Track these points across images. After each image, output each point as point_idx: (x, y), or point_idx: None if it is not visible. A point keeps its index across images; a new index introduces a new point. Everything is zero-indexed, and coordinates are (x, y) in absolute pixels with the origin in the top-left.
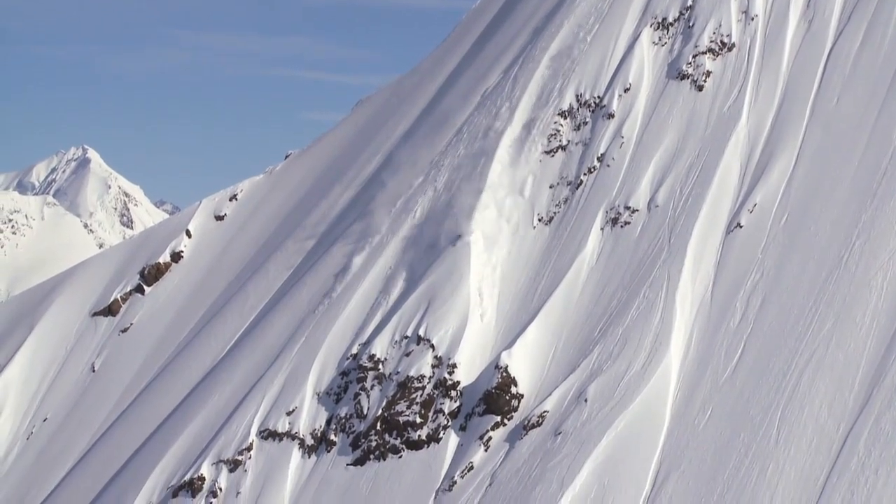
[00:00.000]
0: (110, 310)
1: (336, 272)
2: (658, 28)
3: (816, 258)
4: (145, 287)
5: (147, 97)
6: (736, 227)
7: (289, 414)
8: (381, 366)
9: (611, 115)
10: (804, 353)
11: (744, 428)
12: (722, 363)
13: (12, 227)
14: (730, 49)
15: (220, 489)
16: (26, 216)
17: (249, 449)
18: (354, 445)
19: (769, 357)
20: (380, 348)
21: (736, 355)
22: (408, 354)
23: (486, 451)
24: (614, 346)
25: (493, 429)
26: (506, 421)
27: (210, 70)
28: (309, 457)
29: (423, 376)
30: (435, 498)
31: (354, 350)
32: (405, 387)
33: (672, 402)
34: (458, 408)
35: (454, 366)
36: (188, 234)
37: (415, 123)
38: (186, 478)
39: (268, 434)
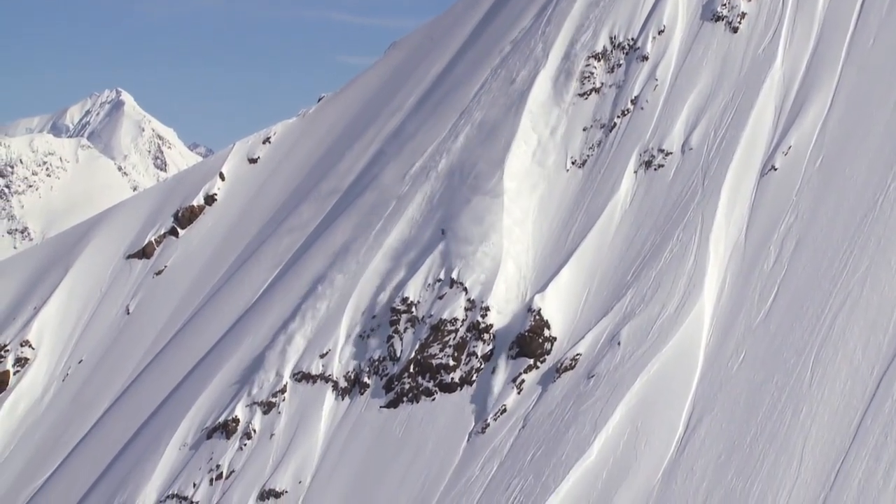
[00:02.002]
0: (144, 252)
1: (369, 214)
2: None
3: (851, 200)
4: (179, 230)
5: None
6: (770, 169)
7: (322, 356)
8: (414, 309)
9: (645, 58)
10: (838, 296)
11: (777, 371)
12: (755, 306)
13: (47, 169)
14: None
15: (255, 431)
16: (61, 159)
17: (283, 391)
18: (387, 388)
19: (803, 300)
20: (413, 291)
21: (770, 298)
22: (441, 297)
23: (518, 393)
24: (647, 289)
25: (525, 371)
26: (539, 364)
27: (244, 12)
28: (342, 399)
29: (455, 319)
30: (468, 440)
31: (387, 293)
32: (438, 330)
33: (705, 345)
34: (491, 351)
35: (487, 309)
36: (222, 177)
37: (448, 66)
38: (221, 419)
39: (301, 376)
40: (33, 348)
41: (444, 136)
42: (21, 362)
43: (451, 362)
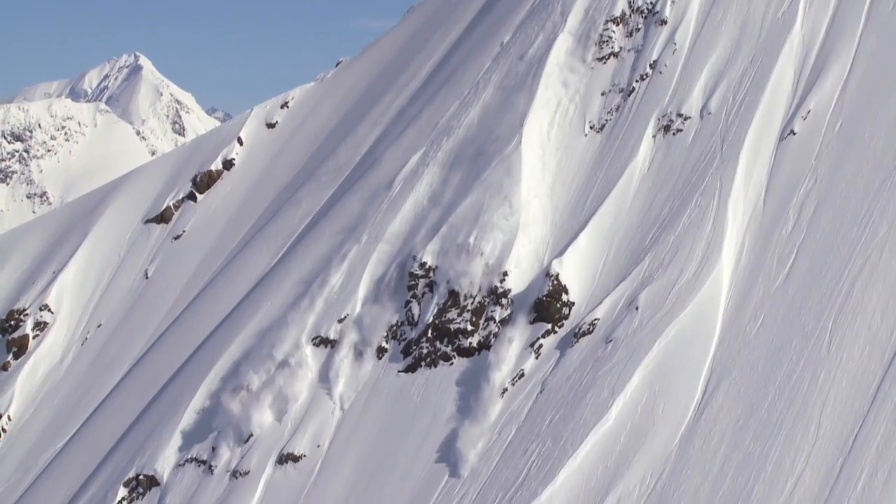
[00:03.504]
0: (163, 217)
1: (387, 180)
2: None
3: (870, 165)
4: (197, 194)
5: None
6: (789, 133)
7: (340, 321)
8: (432, 273)
9: (663, 22)
10: (857, 261)
11: (796, 335)
12: (774, 271)
13: (65, 133)
14: None
15: (273, 395)
16: (79, 123)
17: (301, 356)
18: (406, 353)
19: (822, 264)
20: (431, 256)
21: (788, 263)
22: (459, 262)
23: (536, 358)
24: (666, 253)
25: (543, 336)
26: (557, 329)
27: None
28: (360, 364)
29: (473, 284)
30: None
31: (406, 258)
32: (456, 294)
33: (724, 310)
34: (509, 315)
35: (505, 273)
36: (240, 141)
37: (466, 30)
38: (239, 384)
39: (320, 341)
40: (52, 312)
41: (463, 100)
42: (40, 326)
43: (469, 327)
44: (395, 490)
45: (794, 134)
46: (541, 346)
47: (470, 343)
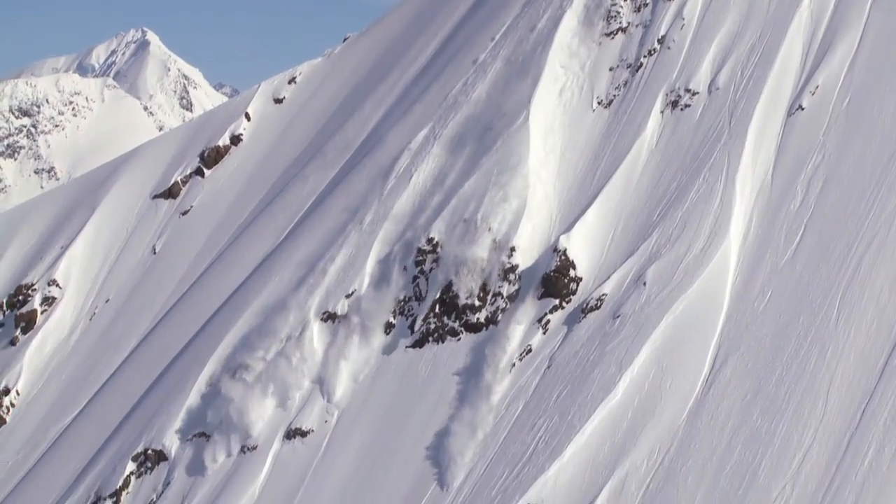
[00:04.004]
0: (170, 192)
1: (395, 155)
2: None
3: (878, 141)
4: (205, 170)
5: None
6: (797, 109)
7: (348, 297)
8: (439, 249)
9: None
10: (865, 237)
11: (803, 311)
12: (782, 246)
13: (73, 109)
14: None
15: (281, 370)
16: (87, 98)
17: (309, 331)
18: (413, 328)
19: (829, 240)
20: (438, 232)
21: (796, 238)
22: (466, 238)
23: (544, 333)
24: (673, 229)
25: (551, 312)
26: (564, 304)
27: None
28: (368, 339)
29: (481, 259)
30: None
31: (413, 233)
32: (464, 270)
33: (731, 286)
34: (517, 291)
35: (513, 249)
36: (247, 116)
37: (473, 6)
38: (246, 359)
39: (327, 316)
40: (60, 287)
41: (470, 75)
42: (48, 301)
43: (477, 302)
44: (402, 465)
45: (803, 109)
46: (548, 321)
47: (477, 319)
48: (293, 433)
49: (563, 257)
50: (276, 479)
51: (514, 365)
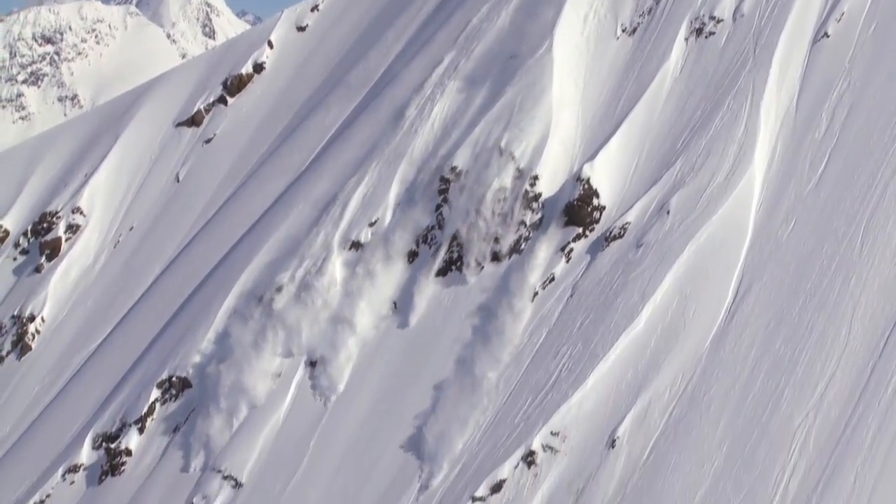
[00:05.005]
0: (194, 120)
1: (418, 84)
2: None
3: None
4: (228, 98)
5: None
6: (823, 36)
7: (371, 225)
8: (462, 177)
9: None
10: (890, 164)
11: (827, 239)
12: (806, 174)
13: (96, 36)
14: None
15: (303, 297)
16: (109, 26)
17: (332, 259)
18: (436, 257)
19: (854, 168)
20: (461, 160)
21: (821, 166)
22: (489, 166)
23: (567, 262)
24: (697, 157)
25: (574, 240)
26: (587, 233)
27: None
28: (391, 268)
29: (504, 188)
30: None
31: (437, 161)
32: (487, 198)
33: (755, 214)
34: (540, 220)
35: (536, 178)
36: (270, 45)
37: None
38: (270, 286)
39: (350, 245)
40: (84, 215)
41: (493, 3)
42: (73, 229)
43: (500, 231)
44: (426, 390)
45: (828, 36)
46: (571, 250)
47: (500, 247)
48: (316, 362)
49: (586, 186)
50: (299, 406)
51: (536, 293)
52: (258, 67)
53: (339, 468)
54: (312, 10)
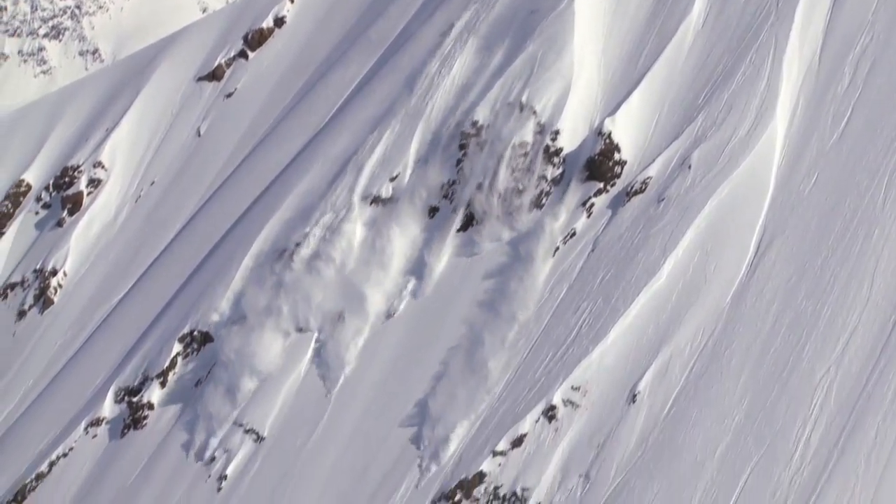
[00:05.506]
0: (214, 75)
1: (439, 37)
2: None
3: None
4: (249, 52)
5: None
6: None
7: (392, 180)
8: (483, 132)
9: None
10: None
11: (849, 193)
12: (829, 128)
13: None
14: None
15: (323, 252)
16: None
17: (354, 214)
18: (457, 212)
19: (877, 122)
20: (482, 115)
21: (843, 120)
22: (510, 121)
23: (588, 217)
24: (719, 112)
25: (595, 195)
26: (608, 188)
27: None
28: (412, 223)
29: (525, 143)
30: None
31: (457, 116)
32: (507, 153)
33: (777, 168)
34: (561, 174)
35: (557, 132)
36: None
37: None
38: (291, 242)
39: (371, 200)
40: (106, 170)
41: None
42: (94, 183)
43: (521, 186)
44: (447, 341)
45: None
46: (592, 205)
47: (521, 202)
48: (337, 316)
49: (607, 140)
50: (319, 366)
51: (557, 248)
52: (279, 21)
53: (359, 424)
54: None
